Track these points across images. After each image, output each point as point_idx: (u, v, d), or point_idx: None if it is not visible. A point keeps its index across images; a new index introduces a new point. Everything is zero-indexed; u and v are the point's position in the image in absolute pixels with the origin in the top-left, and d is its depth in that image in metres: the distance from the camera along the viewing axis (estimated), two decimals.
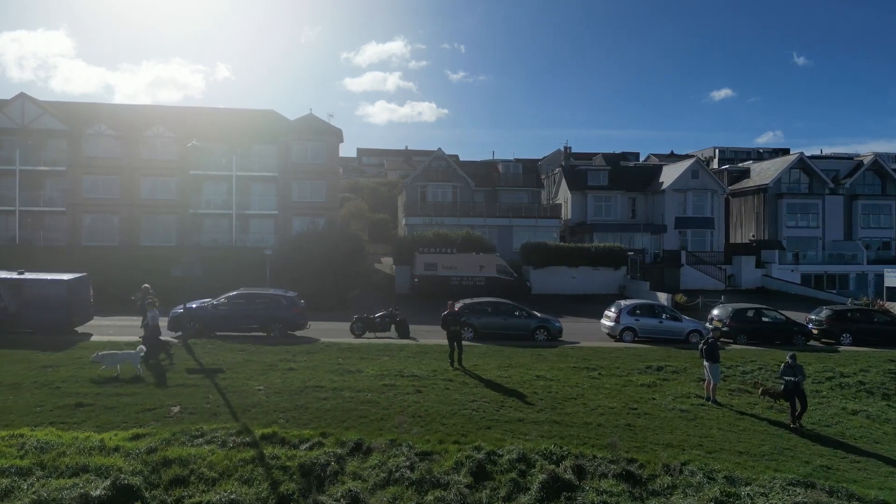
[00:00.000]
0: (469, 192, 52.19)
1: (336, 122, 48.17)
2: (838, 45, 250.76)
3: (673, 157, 75.17)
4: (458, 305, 23.94)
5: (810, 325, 26.73)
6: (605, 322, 25.72)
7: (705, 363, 16.41)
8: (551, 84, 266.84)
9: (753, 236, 55.29)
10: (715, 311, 26.74)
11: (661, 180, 54.75)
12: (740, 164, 64.40)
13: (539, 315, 24.95)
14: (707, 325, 25.97)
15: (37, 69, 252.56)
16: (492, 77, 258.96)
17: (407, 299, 38.05)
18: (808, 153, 57.11)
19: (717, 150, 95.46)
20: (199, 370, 16.62)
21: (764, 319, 25.81)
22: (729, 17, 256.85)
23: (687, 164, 54.32)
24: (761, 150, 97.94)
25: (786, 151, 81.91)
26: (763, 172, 56.62)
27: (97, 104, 49.07)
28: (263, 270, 36.98)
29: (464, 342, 22.77)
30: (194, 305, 22.87)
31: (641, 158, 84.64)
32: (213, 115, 49.52)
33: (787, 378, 14.66)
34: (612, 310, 25.63)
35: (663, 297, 36.17)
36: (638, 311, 25.18)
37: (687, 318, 25.99)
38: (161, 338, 18.42)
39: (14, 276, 21.96)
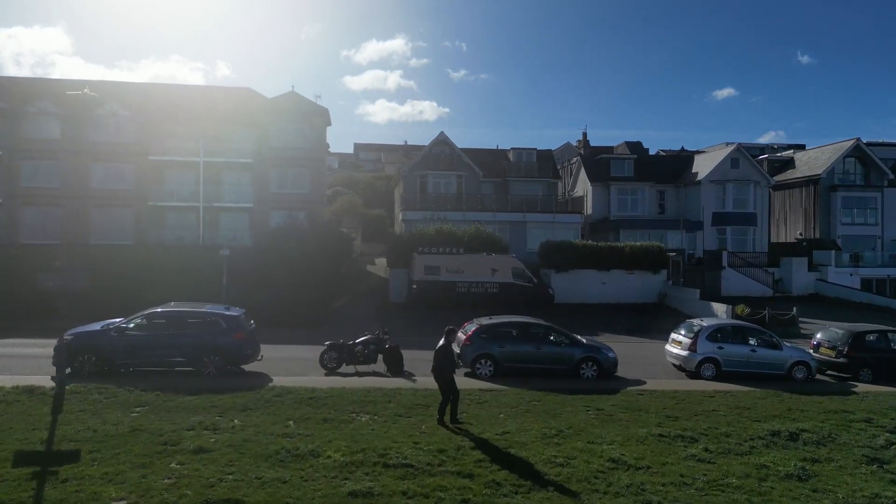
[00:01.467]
0: (476, 183, 45.17)
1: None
2: (842, 45, 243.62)
3: (684, 153, 68.18)
4: (471, 328, 17.21)
5: None
6: (674, 350, 18.71)
7: None
8: (553, 83, 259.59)
9: (801, 234, 48.34)
10: (819, 335, 19.68)
11: (694, 171, 47.89)
12: (780, 154, 57.39)
13: (585, 341, 17.87)
14: (812, 352, 19.07)
15: (34, 66, 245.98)
16: (493, 76, 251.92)
17: (403, 310, 31.18)
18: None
19: (727, 146, 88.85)
20: (37, 455, 9.70)
21: (893, 347, 18.81)
22: (731, 17, 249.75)
23: (726, 151, 47.45)
24: (775, 146, 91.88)
25: (801, 147, 75.19)
26: (811, 162, 49.65)
27: (41, 79, 42.16)
28: (233, 274, 30.37)
29: (483, 381, 16.12)
30: (98, 328, 16.09)
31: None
32: (179, 92, 42.61)
33: None
34: (683, 332, 18.63)
35: (721, 310, 29.20)
36: (720, 336, 18.17)
37: (787, 343, 18.96)
38: None
39: None
